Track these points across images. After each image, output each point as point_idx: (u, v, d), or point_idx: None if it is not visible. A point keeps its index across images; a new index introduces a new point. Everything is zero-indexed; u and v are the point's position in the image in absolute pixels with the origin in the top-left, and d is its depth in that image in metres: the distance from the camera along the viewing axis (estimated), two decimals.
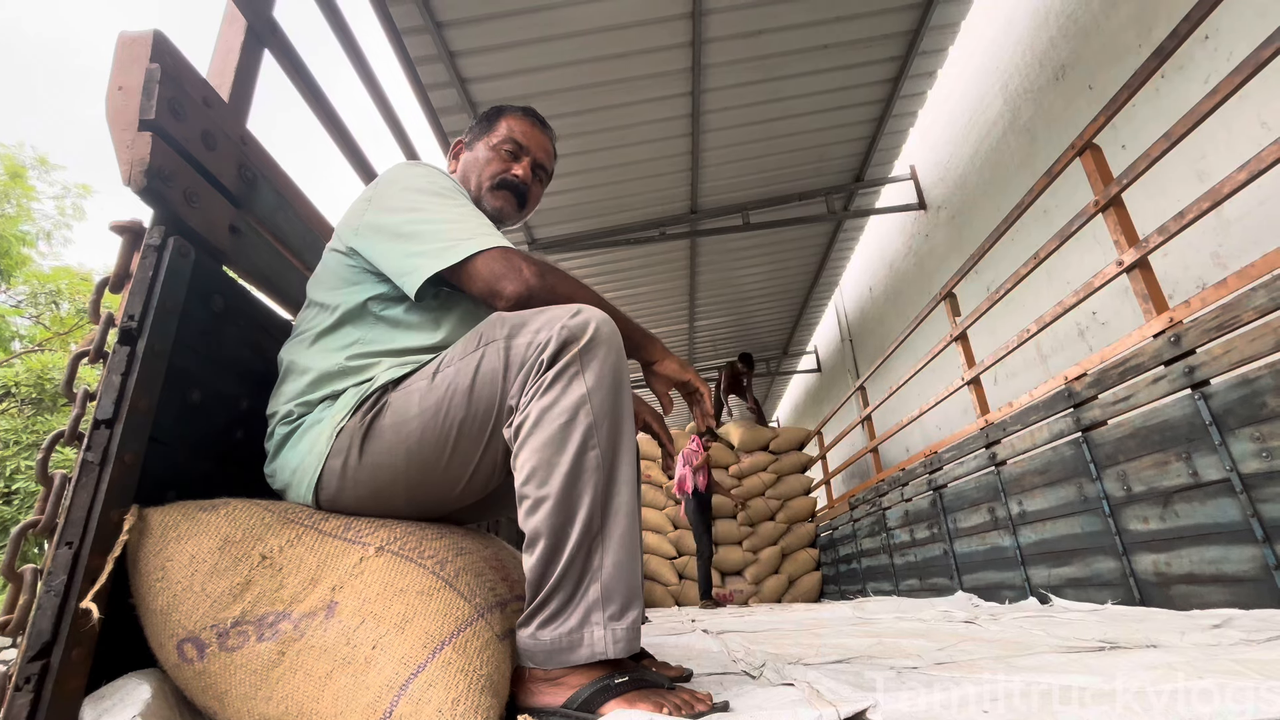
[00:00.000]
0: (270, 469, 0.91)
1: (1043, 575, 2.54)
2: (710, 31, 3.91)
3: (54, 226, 10.03)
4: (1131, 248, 2.18)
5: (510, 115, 1.13)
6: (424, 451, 0.83)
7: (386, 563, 0.77)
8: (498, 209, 1.09)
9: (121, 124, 0.80)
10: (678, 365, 0.98)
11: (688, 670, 1.04)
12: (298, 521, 0.81)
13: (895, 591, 4.01)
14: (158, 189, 0.80)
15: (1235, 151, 2.42)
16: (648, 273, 6.61)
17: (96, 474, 0.70)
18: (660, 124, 4.60)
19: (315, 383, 0.89)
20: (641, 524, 1.04)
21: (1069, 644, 1.25)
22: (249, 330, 1.01)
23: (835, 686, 0.80)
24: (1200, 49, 2.59)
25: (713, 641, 1.70)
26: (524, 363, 0.78)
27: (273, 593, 0.73)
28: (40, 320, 9.79)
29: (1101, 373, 2.22)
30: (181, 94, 0.87)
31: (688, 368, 0.99)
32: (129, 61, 0.81)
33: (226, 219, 0.97)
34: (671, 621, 2.91)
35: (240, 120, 1.06)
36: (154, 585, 0.71)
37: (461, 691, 0.66)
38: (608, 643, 0.71)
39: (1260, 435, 1.63)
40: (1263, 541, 1.63)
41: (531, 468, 0.75)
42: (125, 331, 0.76)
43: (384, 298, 0.93)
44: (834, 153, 5.26)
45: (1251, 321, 1.66)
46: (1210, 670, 0.80)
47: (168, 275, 0.80)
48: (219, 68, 1.06)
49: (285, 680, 0.69)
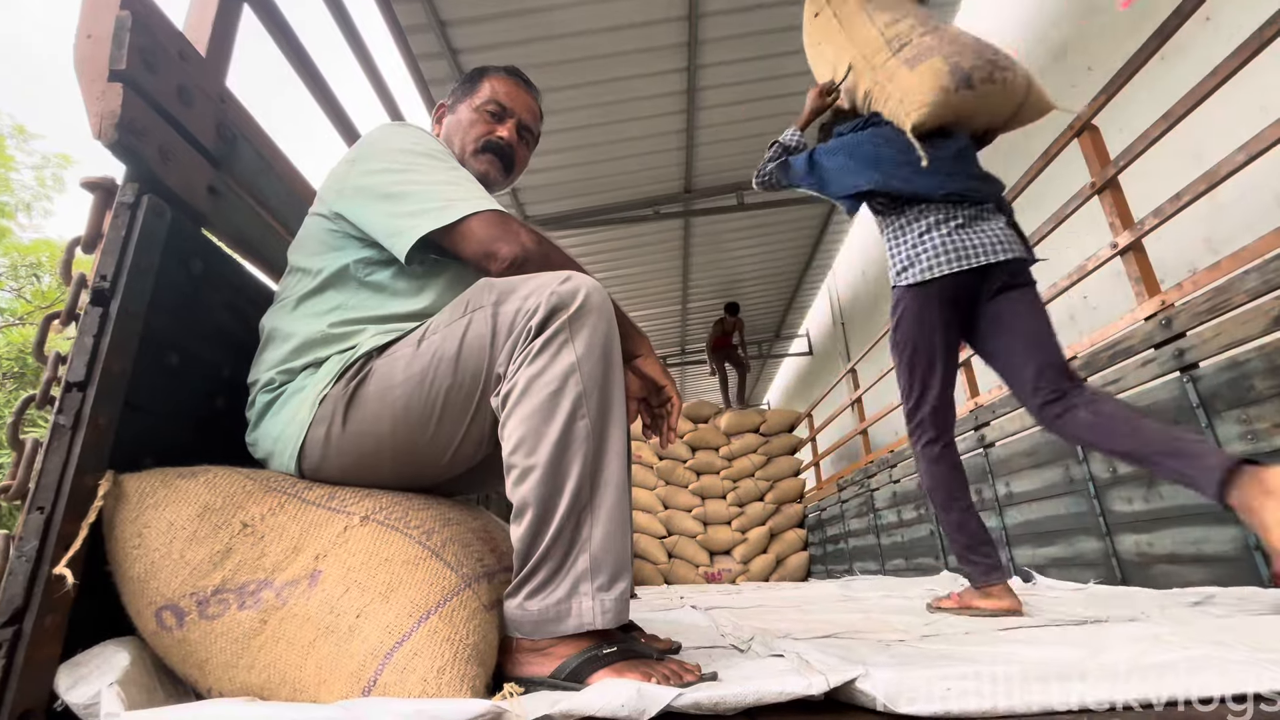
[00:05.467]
0: (252, 438, 0.89)
1: (1027, 555, 2.58)
2: (706, 5, 3.84)
3: (33, 198, 9.80)
4: (1127, 230, 2.18)
5: (493, 76, 1.10)
6: (409, 420, 0.81)
7: (371, 532, 0.76)
8: (483, 173, 1.06)
9: (90, 74, 0.76)
10: (660, 369, 0.96)
11: (676, 643, 1.04)
12: (280, 490, 0.79)
13: (881, 571, 4.06)
14: (130, 144, 0.77)
15: (1233, 134, 2.41)
16: (641, 253, 6.57)
17: (69, 438, 0.67)
18: (655, 100, 4.53)
19: (298, 350, 0.87)
20: (632, 498, 1.02)
21: (1054, 619, 1.26)
22: (230, 295, 0.98)
23: (824, 658, 0.80)
24: (1202, 30, 2.57)
25: (701, 617, 1.71)
26: (512, 329, 0.76)
27: (254, 561, 0.71)
28: (21, 294, 9.61)
29: (1092, 355, 2.23)
30: (155, 44, 0.83)
31: (669, 374, 0.97)
32: (98, 7, 0.77)
33: (205, 179, 0.93)
34: (661, 599, 2.93)
35: (219, 77, 1.02)
36: (131, 552, 0.69)
37: (447, 660, 0.65)
38: (596, 613, 0.70)
39: (1247, 418, 1.64)
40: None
41: (519, 437, 0.73)
42: (98, 292, 0.73)
43: (369, 262, 0.90)
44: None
45: (1243, 304, 1.66)
46: (1197, 642, 0.80)
47: (142, 234, 0.77)
48: (195, 21, 1.01)
49: (267, 648, 0.67)
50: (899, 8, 1.74)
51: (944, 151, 1.58)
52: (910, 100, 1.56)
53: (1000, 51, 1.63)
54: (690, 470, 5.80)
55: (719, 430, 5.98)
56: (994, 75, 1.55)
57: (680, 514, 5.59)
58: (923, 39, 1.61)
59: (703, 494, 5.70)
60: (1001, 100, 1.59)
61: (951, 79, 1.52)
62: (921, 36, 1.62)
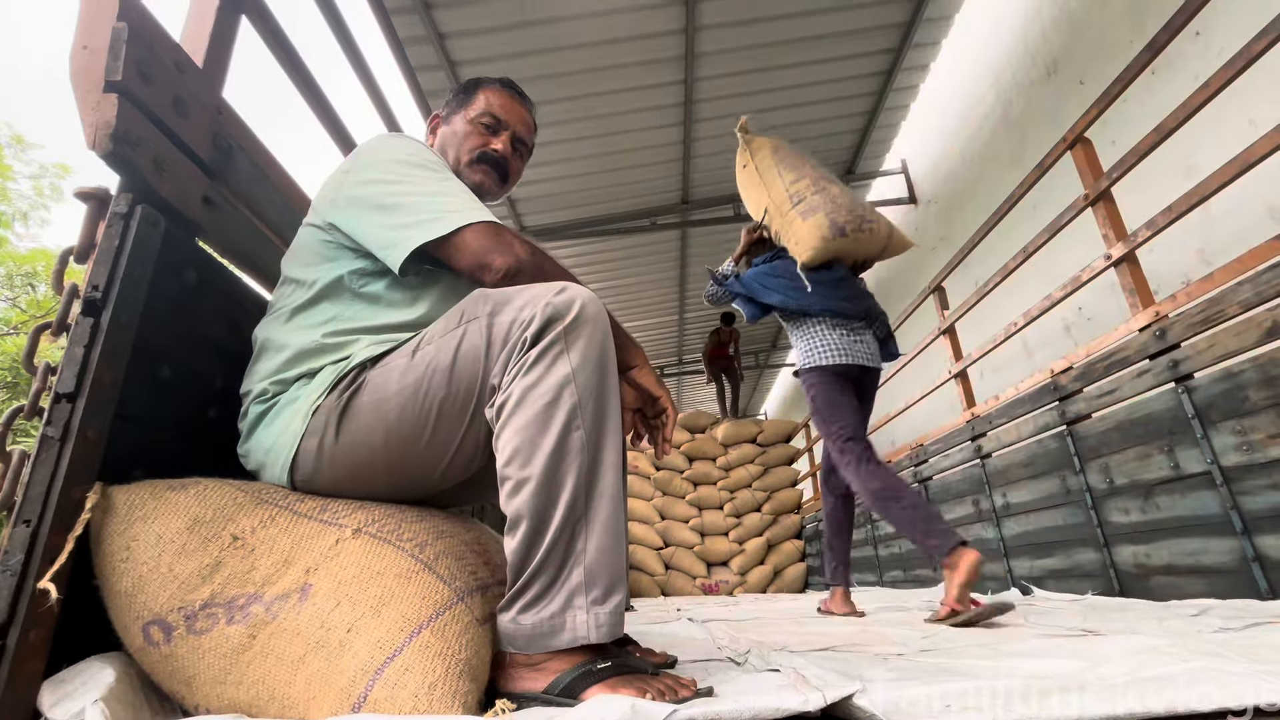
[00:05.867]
0: (244, 449, 0.88)
1: (1025, 567, 2.57)
2: (703, 19, 3.87)
3: (30, 207, 9.77)
4: (1120, 241, 2.19)
5: (487, 88, 1.10)
6: (403, 431, 0.80)
7: (364, 545, 0.75)
8: (478, 183, 1.07)
9: (86, 85, 0.76)
10: (655, 380, 0.96)
11: (672, 657, 1.03)
12: (272, 502, 0.78)
13: (879, 583, 4.04)
14: (124, 154, 0.77)
15: (1224, 147, 2.44)
16: (638, 263, 6.58)
17: (57, 450, 0.67)
18: (652, 112, 4.56)
19: (291, 360, 0.86)
20: (628, 510, 1.02)
21: (1051, 632, 1.25)
22: (224, 306, 0.98)
23: (820, 673, 0.79)
24: (1192, 44, 2.60)
25: (697, 629, 1.69)
26: (507, 340, 0.76)
27: (244, 574, 0.70)
28: (16, 303, 9.56)
29: (1087, 366, 2.23)
30: (151, 56, 0.83)
31: (664, 385, 0.97)
32: (95, 19, 0.77)
33: (200, 190, 0.93)
34: (657, 611, 2.90)
35: (215, 88, 1.02)
36: (118, 566, 0.68)
37: (439, 676, 0.64)
38: (590, 627, 0.69)
39: (1242, 429, 1.64)
40: (1241, 534, 1.65)
41: (514, 449, 0.72)
42: (89, 302, 0.73)
43: (362, 273, 0.90)
44: (826, 145, 5.25)
45: (1236, 316, 1.67)
46: (1196, 654, 0.80)
47: (135, 245, 0.76)
48: (193, 32, 1.02)
49: (256, 664, 0.66)
50: (800, 168, 2.28)
51: (826, 279, 2.17)
52: (802, 245, 2.13)
53: (869, 208, 2.22)
54: (687, 481, 5.78)
55: (716, 441, 5.97)
56: (862, 226, 2.13)
57: (677, 525, 5.56)
58: (814, 197, 2.16)
59: (700, 505, 5.67)
60: (869, 244, 2.18)
61: (830, 231, 2.09)
62: (813, 195, 2.17)
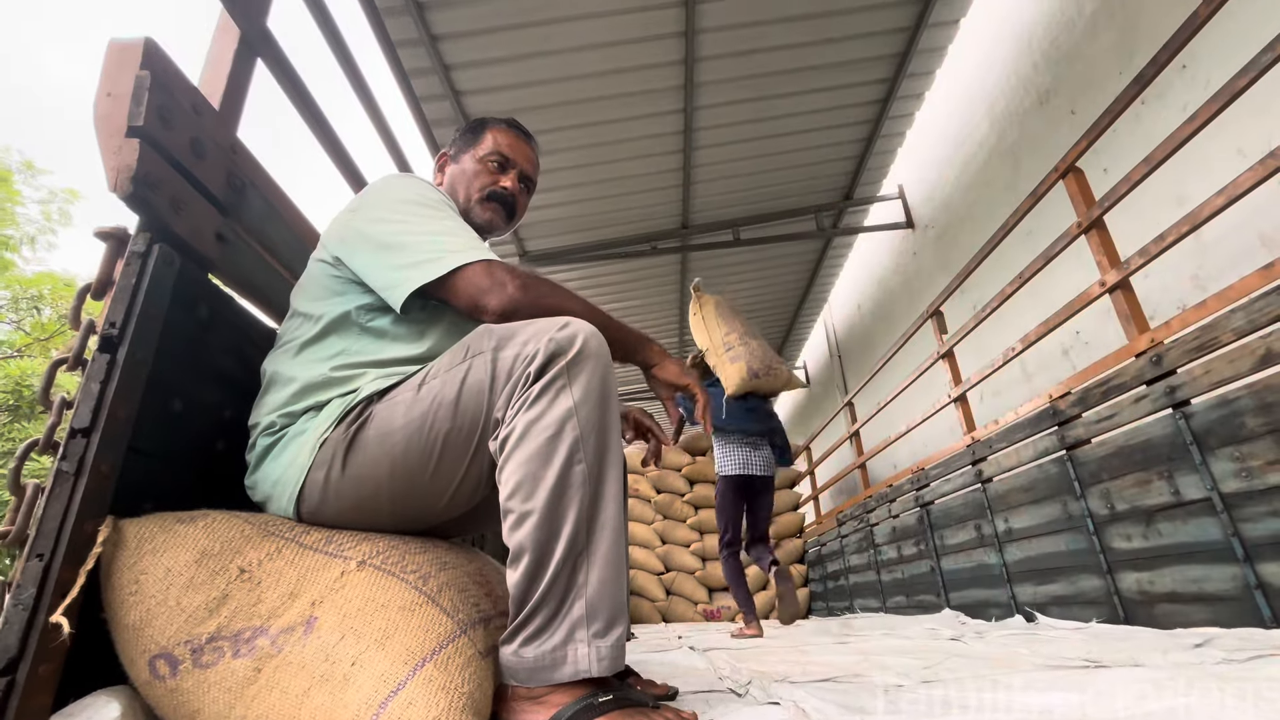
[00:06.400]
0: (251, 481, 0.89)
1: (1029, 593, 2.55)
2: (702, 50, 3.97)
3: (38, 231, 9.89)
4: (1113, 269, 2.22)
5: (494, 128, 1.14)
6: (408, 464, 0.82)
7: (368, 577, 0.76)
8: (487, 220, 1.10)
9: (109, 130, 0.79)
10: (678, 369, 0.98)
11: (673, 688, 1.03)
12: (278, 534, 0.79)
13: (883, 609, 4.00)
14: (144, 196, 0.79)
15: (1213, 177, 2.48)
16: (638, 287, 6.63)
17: (71, 484, 0.68)
18: (652, 140, 4.64)
19: (299, 393, 0.88)
20: (628, 540, 1.03)
21: (1054, 662, 1.25)
22: (234, 340, 1.00)
23: (821, 705, 0.79)
24: (1179, 77, 2.66)
25: (699, 659, 1.68)
26: (511, 375, 0.78)
27: (250, 607, 0.71)
28: (21, 325, 9.62)
29: (1085, 391, 2.24)
30: (171, 101, 0.86)
31: (687, 372, 0.99)
32: (119, 68, 0.81)
33: (213, 227, 0.96)
34: (658, 638, 2.88)
35: (230, 129, 1.06)
36: (127, 599, 0.69)
37: (442, 710, 0.65)
38: (591, 660, 0.70)
39: (1240, 455, 1.65)
40: (1243, 561, 1.64)
41: (517, 481, 0.74)
42: (106, 339, 0.75)
43: (369, 308, 0.92)
44: (823, 171, 5.33)
45: (1230, 343, 1.69)
46: (1198, 686, 0.80)
47: (152, 283, 0.79)
48: (211, 76, 1.06)
49: (261, 698, 0.67)
50: (731, 322, 3.29)
51: (742, 406, 3.19)
52: (729, 381, 3.14)
53: (776, 358, 3.20)
54: (688, 504, 5.75)
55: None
56: (769, 370, 3.12)
57: (678, 549, 5.51)
58: (739, 348, 3.14)
59: (701, 529, 5.63)
60: (774, 382, 3.15)
61: (748, 373, 3.08)
62: (739, 346, 3.15)
